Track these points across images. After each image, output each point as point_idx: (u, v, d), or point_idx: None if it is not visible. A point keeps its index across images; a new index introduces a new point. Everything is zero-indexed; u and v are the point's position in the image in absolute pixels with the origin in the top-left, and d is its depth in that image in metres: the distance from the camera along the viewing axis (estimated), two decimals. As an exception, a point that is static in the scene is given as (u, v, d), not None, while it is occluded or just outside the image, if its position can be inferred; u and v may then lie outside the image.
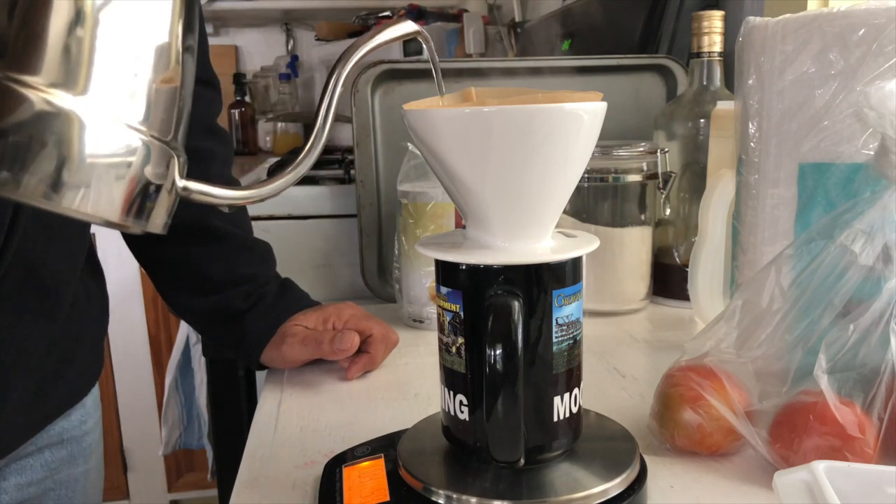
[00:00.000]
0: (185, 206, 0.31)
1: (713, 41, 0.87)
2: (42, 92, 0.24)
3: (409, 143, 0.83)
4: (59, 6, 0.24)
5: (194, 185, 0.30)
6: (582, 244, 0.44)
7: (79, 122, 0.25)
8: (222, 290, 0.73)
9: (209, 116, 0.77)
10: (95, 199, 0.26)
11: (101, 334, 0.73)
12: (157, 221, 0.30)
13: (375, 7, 2.35)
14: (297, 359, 0.71)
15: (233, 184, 0.76)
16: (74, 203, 0.26)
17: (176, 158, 0.29)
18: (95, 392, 0.76)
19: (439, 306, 0.45)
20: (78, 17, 0.25)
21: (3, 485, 0.66)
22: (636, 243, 0.87)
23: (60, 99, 0.25)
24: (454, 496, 0.43)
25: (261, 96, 2.64)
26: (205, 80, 0.73)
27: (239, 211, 0.79)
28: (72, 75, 0.25)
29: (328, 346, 0.69)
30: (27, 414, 0.64)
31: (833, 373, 0.46)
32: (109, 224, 0.28)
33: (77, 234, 0.64)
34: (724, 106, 0.76)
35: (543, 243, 0.44)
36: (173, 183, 0.29)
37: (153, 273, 0.77)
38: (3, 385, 0.59)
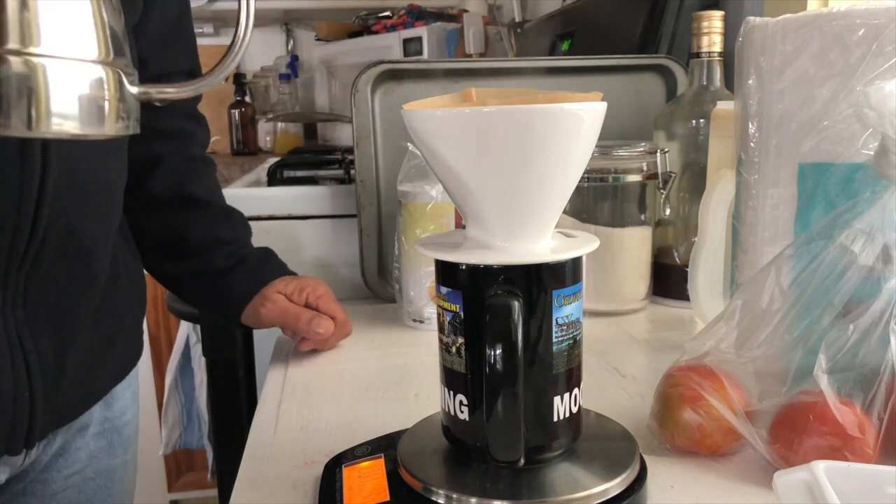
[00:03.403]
0: (168, 178, 0.36)
1: (713, 41, 0.87)
2: (15, 54, 0.33)
3: (409, 143, 0.83)
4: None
5: (153, 89, 0.40)
6: (582, 244, 0.44)
7: (42, 67, 0.34)
8: (204, 253, 0.79)
9: (191, 104, 0.83)
10: (76, 119, 0.35)
11: (140, 315, 0.78)
12: (134, 123, 0.39)
13: (375, 7, 2.35)
14: (271, 324, 0.77)
15: (209, 163, 0.85)
16: (61, 126, 0.35)
17: (126, 73, 0.38)
18: (135, 385, 0.81)
19: (439, 306, 0.45)
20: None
21: (55, 475, 0.70)
22: (636, 243, 0.87)
23: (26, 55, 0.34)
24: (454, 496, 0.43)
25: (261, 96, 2.64)
26: (189, 71, 0.80)
27: (214, 183, 0.85)
28: (28, 36, 0.34)
29: (305, 325, 0.75)
30: (82, 384, 0.68)
31: (833, 373, 0.46)
32: (86, 136, 0.36)
33: (105, 197, 0.68)
34: (724, 106, 0.76)
35: (543, 243, 0.44)
36: (130, 91, 0.38)
37: (137, 243, 0.81)
38: (63, 350, 0.63)
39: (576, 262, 0.44)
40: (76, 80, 0.35)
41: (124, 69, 0.38)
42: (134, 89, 0.38)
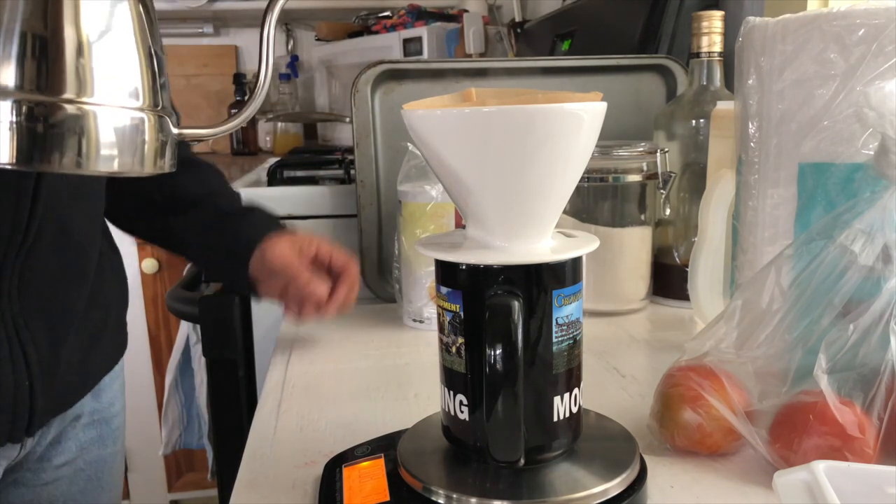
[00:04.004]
0: None
1: (713, 41, 0.87)
2: (70, 103, 0.37)
3: (409, 143, 0.83)
4: (69, 48, 0.37)
5: (187, 131, 0.44)
6: (582, 244, 0.44)
7: (94, 114, 0.38)
8: (205, 201, 0.80)
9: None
10: (120, 160, 0.39)
11: (123, 307, 0.80)
12: (170, 162, 0.43)
13: (375, 7, 2.35)
14: (273, 271, 0.73)
15: (193, 159, 0.86)
16: (107, 166, 0.39)
17: (167, 117, 0.42)
18: (122, 379, 0.82)
19: (439, 306, 0.45)
20: (80, 51, 0.37)
21: (45, 465, 0.71)
22: (636, 243, 0.87)
23: (80, 104, 0.37)
24: (454, 496, 0.43)
25: (261, 96, 2.63)
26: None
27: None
28: (83, 87, 0.38)
29: (304, 284, 0.72)
30: (76, 373, 0.70)
31: (833, 373, 0.46)
32: (128, 174, 0.41)
33: (95, 192, 0.70)
34: (724, 106, 0.76)
35: (543, 243, 0.44)
36: (170, 133, 0.42)
37: (136, 211, 0.83)
38: (57, 340, 0.65)
39: (576, 262, 0.44)
40: (122, 126, 0.39)
41: (166, 114, 0.42)
42: (174, 131, 0.43)
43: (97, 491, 0.77)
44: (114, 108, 0.39)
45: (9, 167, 0.37)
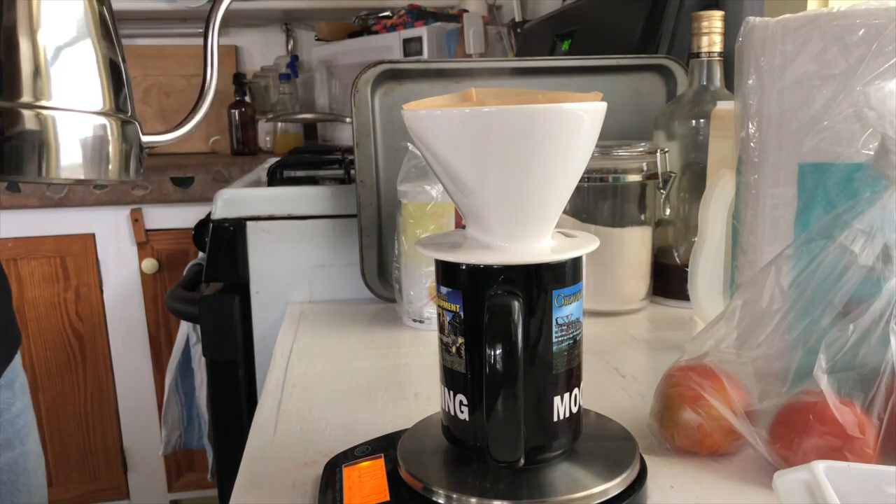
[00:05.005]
0: None
1: (713, 41, 0.87)
2: (27, 108, 0.36)
3: (409, 143, 0.83)
4: (24, 49, 0.36)
5: (146, 138, 0.42)
6: (582, 244, 0.44)
7: (53, 119, 0.36)
8: None
9: None
10: (85, 167, 0.38)
11: (8, 297, 0.79)
12: (136, 170, 0.41)
13: (375, 7, 2.35)
14: None
15: None
16: (65, 174, 0.37)
17: (136, 124, 0.41)
18: (22, 378, 0.80)
19: (439, 306, 0.45)
20: (35, 53, 0.36)
21: None
22: (636, 243, 0.87)
23: (38, 108, 0.36)
24: (454, 496, 0.43)
25: (261, 96, 2.64)
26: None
27: None
28: (40, 90, 0.36)
29: None
30: None
31: (833, 373, 0.46)
32: (94, 182, 0.39)
33: None
34: (724, 106, 0.76)
35: (543, 243, 0.44)
36: (136, 140, 0.41)
37: None
38: None
39: (576, 262, 0.44)
40: (84, 131, 0.38)
41: (128, 119, 0.41)
42: (138, 137, 0.42)
43: (15, 494, 0.76)
44: (74, 112, 0.37)
45: None
